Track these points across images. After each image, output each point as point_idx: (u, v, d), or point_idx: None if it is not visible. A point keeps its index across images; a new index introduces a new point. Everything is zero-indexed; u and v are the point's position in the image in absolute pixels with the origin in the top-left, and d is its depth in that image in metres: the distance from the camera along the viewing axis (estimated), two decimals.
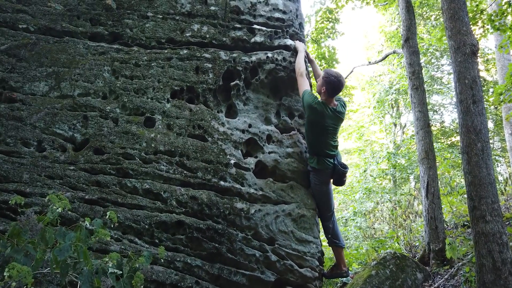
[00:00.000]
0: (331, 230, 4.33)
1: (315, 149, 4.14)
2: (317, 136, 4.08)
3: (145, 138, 3.71)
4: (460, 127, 6.01)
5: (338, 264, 4.41)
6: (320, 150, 4.11)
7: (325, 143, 4.08)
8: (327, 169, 4.11)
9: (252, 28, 4.28)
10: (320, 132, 4.05)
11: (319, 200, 4.24)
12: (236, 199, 3.75)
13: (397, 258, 6.87)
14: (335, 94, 4.13)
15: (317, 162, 4.11)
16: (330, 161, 4.10)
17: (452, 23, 6.34)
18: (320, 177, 4.17)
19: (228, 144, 3.89)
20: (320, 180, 4.17)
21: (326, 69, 4.47)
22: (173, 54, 4.05)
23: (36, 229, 2.10)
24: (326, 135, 4.06)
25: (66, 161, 3.54)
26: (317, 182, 4.18)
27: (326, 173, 4.15)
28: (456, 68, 6.21)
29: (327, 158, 4.10)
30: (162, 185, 3.60)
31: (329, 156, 4.11)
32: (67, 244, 1.95)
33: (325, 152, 4.10)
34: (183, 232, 3.54)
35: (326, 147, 4.09)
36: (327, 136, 4.07)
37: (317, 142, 4.11)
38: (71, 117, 3.72)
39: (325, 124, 4.02)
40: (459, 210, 9.45)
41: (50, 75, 3.88)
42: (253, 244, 3.73)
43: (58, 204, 2.47)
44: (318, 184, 4.17)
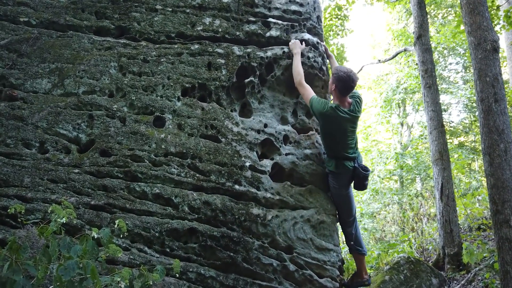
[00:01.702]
0: (353, 237, 4.04)
1: (333, 152, 3.87)
2: (333, 139, 3.80)
3: (154, 139, 3.46)
4: (481, 127, 5.74)
5: (359, 272, 4.14)
6: (338, 153, 3.82)
7: (343, 145, 3.79)
8: (347, 172, 3.83)
9: (267, 21, 4.02)
10: (337, 136, 3.76)
11: (339, 205, 3.97)
12: (252, 205, 3.50)
13: (411, 263, 6.63)
14: (347, 93, 3.74)
15: (335, 166, 3.82)
16: (349, 164, 3.81)
17: (472, 18, 6.07)
18: (339, 181, 3.89)
19: (242, 145, 3.64)
20: (339, 184, 3.89)
21: (337, 65, 4.11)
22: (183, 49, 3.80)
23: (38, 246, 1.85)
24: (343, 138, 3.76)
25: (70, 164, 3.29)
26: (336, 185, 3.90)
27: (345, 177, 3.87)
28: (476, 65, 5.94)
29: (346, 161, 3.81)
30: (173, 190, 3.35)
31: (348, 159, 3.82)
32: (73, 262, 1.70)
33: (343, 154, 3.81)
34: (196, 240, 3.29)
35: (344, 149, 3.80)
36: (345, 138, 3.77)
37: (334, 145, 3.83)
38: (75, 117, 3.47)
39: (342, 128, 3.72)
40: (473, 212, 9.18)
41: (53, 72, 3.64)
42: (270, 253, 3.47)
43: (61, 213, 2.22)
44: (337, 187, 3.90)
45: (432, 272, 6.73)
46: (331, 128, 3.73)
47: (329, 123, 3.69)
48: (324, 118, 3.66)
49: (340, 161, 3.81)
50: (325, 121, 3.69)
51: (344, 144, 3.77)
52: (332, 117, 3.64)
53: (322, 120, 3.71)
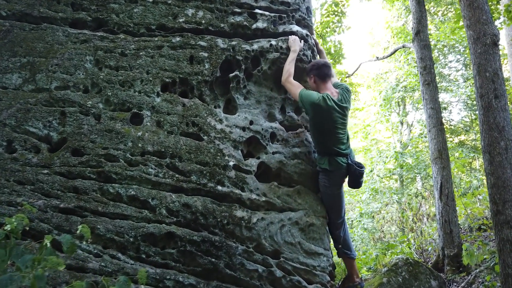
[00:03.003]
0: (341, 240, 3.83)
1: (325, 148, 3.64)
2: (325, 133, 3.59)
3: (131, 137, 3.24)
4: (480, 124, 5.52)
5: (350, 275, 3.93)
6: (330, 149, 3.60)
7: (335, 140, 3.57)
8: (340, 169, 3.61)
9: (253, 13, 3.80)
10: (328, 129, 3.55)
11: (328, 206, 3.74)
12: (236, 207, 3.27)
13: (409, 265, 6.42)
14: (327, 76, 3.66)
15: (328, 163, 3.59)
16: (343, 160, 3.59)
17: (471, 12, 5.85)
18: (332, 179, 3.66)
19: (226, 144, 3.41)
20: (331, 182, 3.66)
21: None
22: (164, 42, 3.58)
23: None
24: (334, 131, 3.56)
25: (39, 164, 3.07)
26: (327, 184, 3.67)
27: (339, 175, 3.64)
28: (475, 60, 5.71)
29: (340, 157, 3.60)
30: (150, 191, 3.12)
31: (341, 155, 3.60)
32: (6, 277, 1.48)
33: (336, 150, 3.59)
34: (174, 245, 3.07)
35: (336, 144, 3.58)
36: (336, 132, 3.56)
37: (326, 140, 3.60)
38: (46, 114, 3.25)
39: (332, 119, 3.52)
40: (474, 212, 8.95)
41: (24, 66, 3.42)
42: (255, 258, 3.25)
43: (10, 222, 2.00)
44: (328, 186, 3.67)
45: (431, 274, 6.52)
46: (322, 120, 3.52)
47: (319, 114, 3.48)
48: (314, 109, 3.46)
49: (332, 157, 3.59)
50: (315, 112, 3.48)
51: (335, 138, 3.57)
52: (323, 107, 3.45)
53: (312, 112, 3.49)
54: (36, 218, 2.87)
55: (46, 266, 1.68)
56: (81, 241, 2.77)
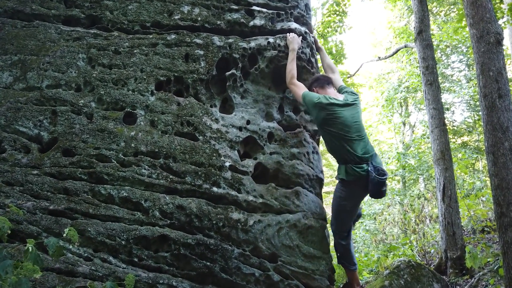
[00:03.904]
0: (343, 249, 3.62)
1: (340, 153, 3.39)
2: (337, 137, 3.35)
3: (123, 137, 3.14)
4: (484, 124, 5.41)
5: (350, 283, 3.80)
6: (345, 154, 3.34)
7: (350, 144, 3.31)
8: (359, 180, 3.29)
9: (250, 10, 3.70)
10: (340, 130, 3.33)
11: (338, 217, 3.50)
12: (232, 209, 3.17)
13: (412, 267, 6.30)
14: (327, 83, 3.59)
15: (345, 172, 3.32)
16: (362, 168, 3.29)
17: (474, 10, 5.74)
18: (349, 192, 3.39)
19: (222, 144, 3.32)
20: (348, 195, 3.39)
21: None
22: (159, 40, 3.49)
23: None
24: (347, 133, 3.33)
25: (28, 165, 2.98)
26: (343, 196, 3.40)
27: (358, 187, 3.34)
28: (479, 59, 5.60)
29: (358, 165, 3.30)
30: (143, 193, 3.03)
31: (359, 162, 3.30)
32: None
33: (352, 155, 3.31)
34: (168, 248, 2.97)
35: (353, 150, 3.31)
36: (349, 134, 3.33)
37: (340, 145, 3.35)
38: (37, 113, 3.16)
39: (341, 117, 3.32)
40: (477, 214, 8.81)
41: (15, 64, 3.34)
42: (251, 262, 3.15)
43: None
44: (343, 198, 3.40)
45: (434, 277, 6.40)
46: (328, 119, 3.34)
47: (323, 112, 3.33)
48: (318, 107, 3.33)
49: (349, 165, 3.31)
50: (319, 111, 3.34)
51: (347, 140, 3.32)
52: (325, 104, 3.33)
53: (316, 111, 3.35)
54: (25, 220, 2.78)
55: (21, 273, 1.59)
56: (70, 244, 2.67)
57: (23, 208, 2.75)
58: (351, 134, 3.34)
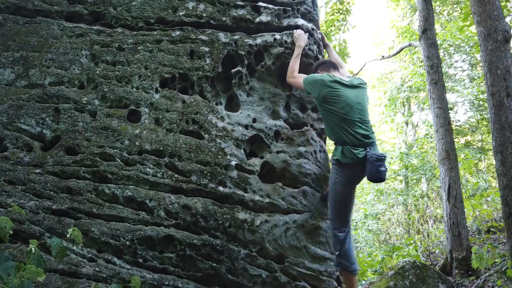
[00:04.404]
0: (341, 244, 3.25)
1: (339, 135, 3.23)
2: (337, 117, 3.20)
3: (128, 135, 3.08)
4: (492, 123, 5.34)
5: None
6: (345, 137, 3.18)
7: (350, 125, 3.16)
8: (356, 163, 3.13)
9: (256, 5, 3.63)
10: (341, 109, 3.17)
11: (335, 205, 3.30)
12: (238, 208, 3.11)
13: (417, 268, 6.24)
14: (334, 67, 3.48)
15: (341, 153, 3.16)
16: (360, 151, 3.13)
17: (481, 7, 5.67)
18: (344, 174, 3.21)
19: (228, 142, 3.25)
20: (344, 178, 3.23)
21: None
22: (163, 36, 3.42)
23: None
24: (348, 113, 3.17)
25: (31, 163, 2.92)
26: (339, 179, 3.24)
27: (354, 169, 3.18)
28: (486, 57, 5.53)
29: (356, 148, 3.14)
30: (147, 192, 2.97)
31: (358, 144, 3.14)
32: None
33: (352, 138, 3.15)
34: (173, 249, 2.90)
35: (352, 131, 3.15)
36: (350, 114, 3.17)
37: (339, 125, 3.20)
38: (39, 110, 3.10)
39: (343, 95, 3.18)
40: (482, 214, 8.74)
41: (17, 61, 3.27)
42: (258, 263, 3.08)
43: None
44: (339, 182, 3.24)
45: (439, 278, 6.34)
46: (330, 98, 3.20)
47: (324, 90, 3.20)
48: (321, 86, 3.21)
49: (347, 147, 3.16)
50: (320, 89, 3.21)
51: (351, 123, 3.18)
52: (327, 82, 3.23)
53: (318, 89, 3.22)
54: (27, 220, 2.72)
55: (24, 276, 1.53)
56: (73, 245, 2.61)
57: (25, 208, 2.69)
58: (352, 115, 3.19)
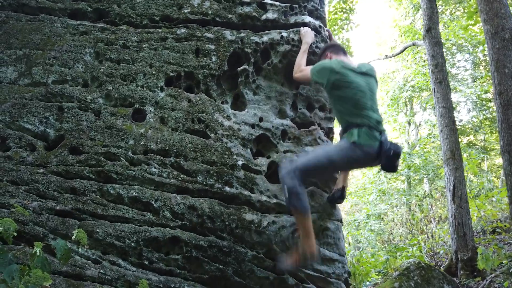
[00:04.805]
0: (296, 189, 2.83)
1: (352, 119, 2.99)
2: (350, 102, 3.02)
3: (133, 134, 3.02)
4: (499, 122, 5.28)
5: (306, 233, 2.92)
6: (359, 120, 2.95)
7: (363, 110, 2.97)
8: (372, 146, 2.87)
9: (263, 3, 3.57)
10: (354, 95, 3.00)
11: (318, 165, 2.94)
12: (245, 209, 3.05)
13: (422, 269, 6.17)
14: (343, 51, 3.33)
15: (357, 135, 2.89)
16: (375, 135, 2.91)
17: (488, 5, 5.60)
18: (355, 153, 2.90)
19: (234, 142, 3.19)
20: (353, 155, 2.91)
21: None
22: (168, 34, 3.36)
23: None
24: (362, 98, 2.99)
25: (34, 163, 2.87)
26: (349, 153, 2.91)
27: (367, 153, 2.89)
28: (493, 56, 5.47)
29: (372, 130, 2.91)
30: (153, 192, 2.91)
31: (373, 127, 2.93)
32: None
33: (366, 121, 2.92)
34: (179, 250, 2.85)
35: (366, 115, 2.95)
36: (364, 99, 2.99)
37: (352, 111, 3.00)
38: (43, 109, 3.05)
39: (354, 82, 3.01)
40: (487, 214, 8.67)
41: (20, 59, 3.22)
42: (266, 265, 3.02)
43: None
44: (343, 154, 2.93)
45: (444, 279, 6.26)
46: (339, 83, 3.01)
47: (334, 75, 3.02)
48: (330, 72, 3.04)
49: (363, 128, 2.91)
50: (330, 76, 3.04)
51: (364, 105, 2.99)
52: (335, 67, 3.05)
53: (328, 76, 3.05)
54: (31, 221, 2.66)
55: (30, 281, 1.47)
56: (78, 247, 2.55)
57: (28, 209, 2.64)
58: (365, 101, 3.02)
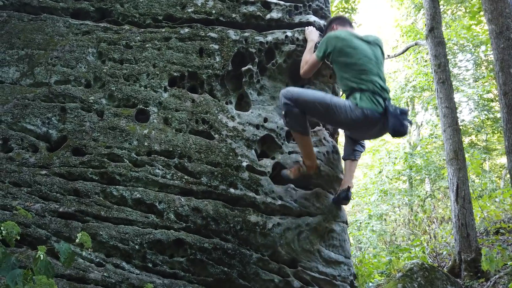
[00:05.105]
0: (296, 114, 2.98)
1: (356, 84, 2.91)
2: (355, 69, 2.94)
3: (136, 135, 2.98)
4: (504, 123, 5.24)
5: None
6: (363, 85, 2.87)
7: (369, 76, 2.89)
8: (373, 110, 2.81)
9: (267, 2, 3.53)
10: (358, 60, 2.93)
11: (317, 103, 2.90)
12: (250, 211, 3.01)
13: (425, 270, 6.12)
14: (350, 24, 3.28)
15: (359, 98, 2.83)
16: (380, 100, 2.84)
17: (493, 5, 5.56)
18: (357, 114, 2.83)
19: (239, 143, 3.15)
20: (354, 114, 2.83)
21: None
22: (172, 34, 3.33)
23: None
24: (368, 63, 2.93)
25: (37, 164, 2.83)
26: (347, 109, 2.85)
27: (368, 116, 2.82)
28: (498, 55, 5.43)
29: (376, 96, 2.84)
30: (157, 194, 2.87)
31: (377, 93, 2.85)
32: None
33: (371, 86, 2.85)
34: (184, 253, 2.81)
35: (371, 80, 2.87)
36: (370, 65, 2.93)
37: (357, 77, 2.91)
38: (45, 110, 3.01)
39: (359, 48, 2.96)
40: (490, 215, 8.62)
41: (22, 59, 3.19)
42: (270, 267, 2.98)
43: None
44: (343, 107, 2.86)
45: (448, 280, 6.22)
46: (347, 52, 2.96)
47: (340, 43, 2.97)
48: (336, 40, 2.99)
49: (366, 93, 2.85)
50: (338, 44, 2.98)
51: (369, 71, 2.91)
52: (340, 36, 3.02)
53: (333, 44, 2.98)
54: (33, 224, 2.62)
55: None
56: (81, 249, 2.51)
57: (31, 211, 2.60)
58: (371, 67, 2.94)
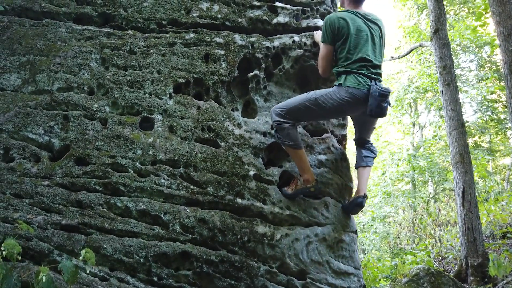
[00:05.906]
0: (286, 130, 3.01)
1: (346, 63, 2.97)
2: (349, 46, 2.97)
3: (140, 144, 2.90)
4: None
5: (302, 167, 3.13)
6: (352, 64, 2.94)
7: (360, 53, 2.94)
8: (358, 89, 2.87)
9: (274, 6, 3.46)
10: (353, 40, 2.96)
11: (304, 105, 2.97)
12: (257, 222, 2.93)
13: (431, 275, 6.03)
14: (361, 1, 3.21)
15: (344, 78, 2.93)
16: (365, 81, 2.90)
17: (501, 7, 5.48)
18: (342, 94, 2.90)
19: (246, 151, 3.07)
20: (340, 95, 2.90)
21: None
22: (176, 39, 3.25)
23: None
24: (361, 44, 2.97)
25: (39, 175, 2.75)
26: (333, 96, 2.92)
27: (354, 95, 2.89)
28: (507, 58, 5.35)
29: (362, 76, 2.90)
30: (162, 205, 2.79)
31: (364, 74, 2.91)
32: None
33: (359, 66, 2.92)
34: (190, 266, 2.73)
35: (361, 57, 2.93)
36: (363, 45, 2.96)
37: (349, 53, 2.97)
38: (47, 118, 2.93)
39: (357, 27, 2.98)
40: (497, 219, 8.52)
41: (23, 66, 3.11)
42: (279, 279, 2.90)
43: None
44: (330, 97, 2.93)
45: (454, 285, 6.12)
46: (345, 29, 2.98)
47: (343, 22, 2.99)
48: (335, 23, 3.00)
49: (352, 74, 2.92)
50: (339, 24, 2.99)
51: (361, 51, 2.96)
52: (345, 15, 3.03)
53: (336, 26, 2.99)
54: (35, 237, 2.54)
55: None
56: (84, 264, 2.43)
57: (33, 223, 2.52)
58: (366, 46, 2.98)
